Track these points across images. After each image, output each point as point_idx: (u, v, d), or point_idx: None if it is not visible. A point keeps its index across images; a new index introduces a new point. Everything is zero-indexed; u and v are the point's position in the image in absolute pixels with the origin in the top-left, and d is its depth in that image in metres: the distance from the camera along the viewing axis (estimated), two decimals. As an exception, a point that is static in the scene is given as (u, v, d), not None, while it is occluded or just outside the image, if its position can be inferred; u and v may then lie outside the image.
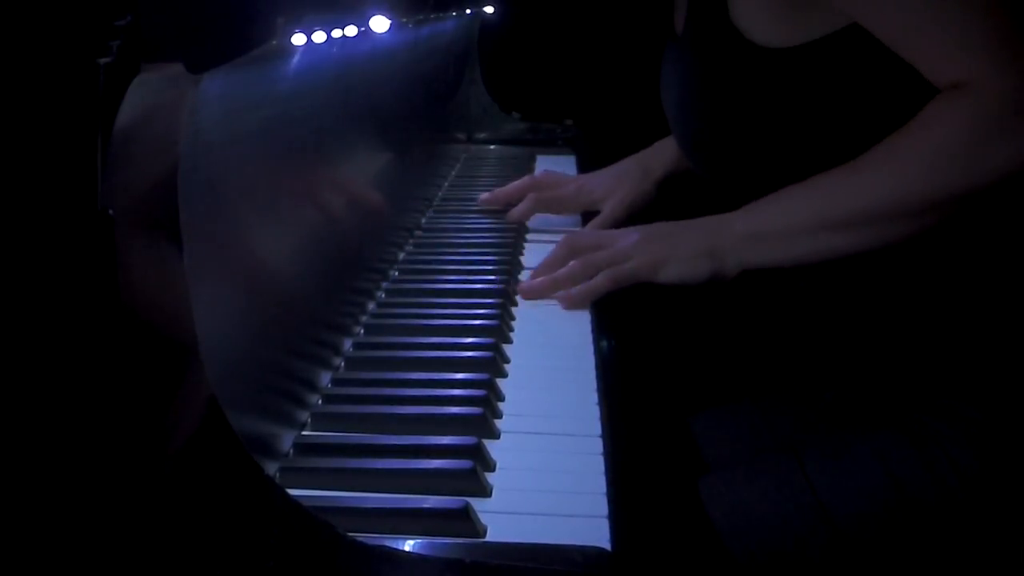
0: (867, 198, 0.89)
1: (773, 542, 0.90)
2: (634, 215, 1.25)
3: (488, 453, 0.67)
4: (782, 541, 0.89)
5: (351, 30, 0.89)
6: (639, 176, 1.27)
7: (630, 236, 1.02)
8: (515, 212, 1.30)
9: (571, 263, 1.01)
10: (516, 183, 1.34)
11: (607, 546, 0.57)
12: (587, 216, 1.29)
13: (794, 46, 0.91)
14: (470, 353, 0.86)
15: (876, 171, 0.89)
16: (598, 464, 0.67)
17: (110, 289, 0.44)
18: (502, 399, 0.77)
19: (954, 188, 0.86)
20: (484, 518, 0.59)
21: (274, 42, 0.68)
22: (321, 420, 0.73)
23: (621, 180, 1.27)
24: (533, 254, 1.17)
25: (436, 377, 0.80)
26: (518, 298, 1.01)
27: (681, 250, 0.98)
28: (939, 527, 0.88)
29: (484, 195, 1.35)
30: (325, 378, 0.80)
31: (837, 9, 0.88)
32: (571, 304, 0.99)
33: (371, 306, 0.97)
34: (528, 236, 1.26)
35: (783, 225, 0.94)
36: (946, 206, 0.87)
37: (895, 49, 0.86)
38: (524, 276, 1.09)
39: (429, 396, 0.77)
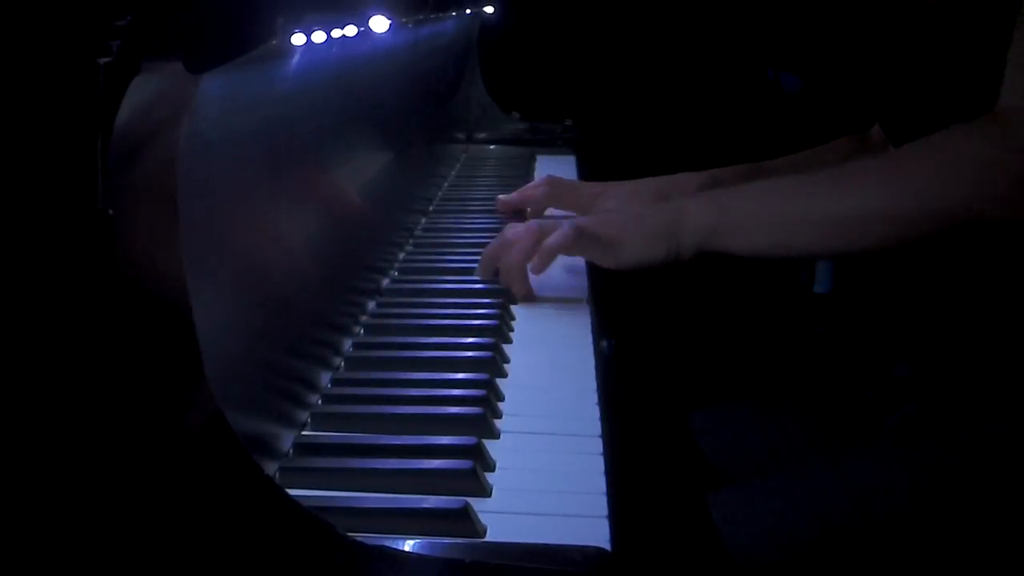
0: (857, 196, 0.89)
1: (796, 551, 0.89)
2: None
3: (488, 453, 0.67)
4: (809, 549, 0.88)
5: (351, 30, 0.89)
6: (655, 197, 1.26)
7: (587, 216, 1.02)
8: (524, 198, 1.31)
9: (559, 232, 0.98)
10: (533, 184, 1.35)
11: (607, 546, 0.57)
12: None
13: None
14: (470, 353, 0.86)
15: (877, 169, 0.90)
16: (598, 464, 0.67)
17: (110, 289, 0.44)
18: (502, 399, 0.77)
19: (943, 208, 0.85)
20: (484, 518, 0.59)
21: (274, 42, 0.68)
22: (321, 420, 0.73)
23: (637, 196, 1.27)
24: (533, 254, 1.17)
25: (436, 377, 0.80)
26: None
27: (638, 229, 0.97)
28: (978, 529, 0.87)
29: (503, 197, 1.34)
30: (325, 378, 0.80)
31: None
32: (544, 267, 0.98)
33: (371, 306, 0.97)
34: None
35: (748, 214, 0.94)
36: (936, 223, 0.86)
37: None
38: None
39: (429, 396, 0.77)
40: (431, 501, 0.60)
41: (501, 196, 1.34)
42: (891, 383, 1.04)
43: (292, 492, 0.54)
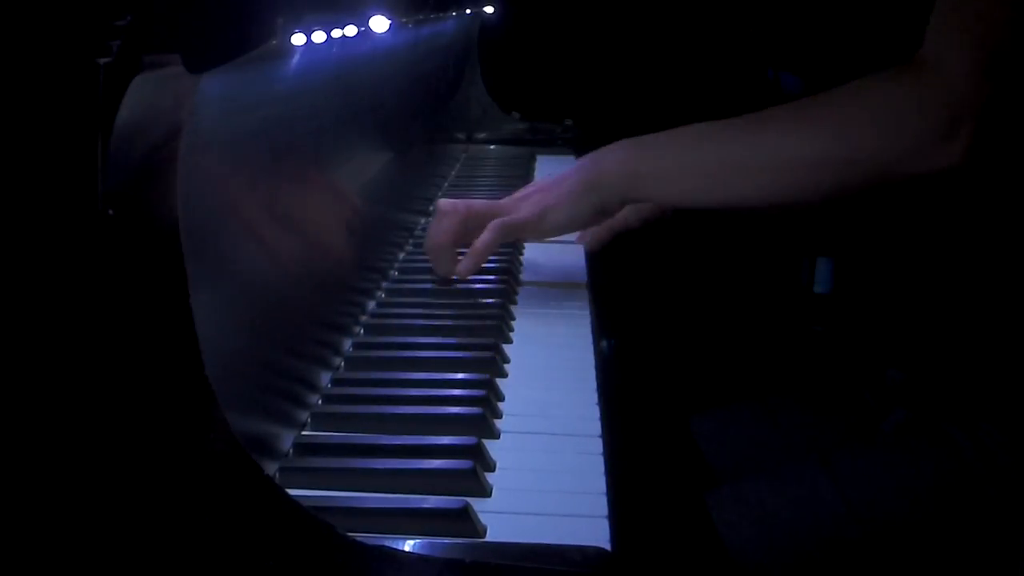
0: (779, 144, 0.89)
1: (791, 552, 0.88)
2: (648, 222, 1.25)
3: (488, 453, 0.67)
4: (803, 551, 0.88)
5: (351, 30, 0.89)
6: None
7: (517, 194, 1.02)
8: None
9: (488, 231, 0.98)
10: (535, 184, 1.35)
11: (607, 546, 0.57)
12: None
13: None
14: (470, 353, 0.86)
15: (802, 116, 0.89)
16: (598, 464, 0.67)
17: (110, 289, 0.44)
18: (502, 399, 0.77)
19: (869, 158, 0.85)
20: (484, 518, 0.59)
21: (274, 42, 0.68)
22: (321, 420, 0.73)
23: None
24: (533, 253, 1.17)
25: (436, 377, 0.80)
26: (518, 298, 1.01)
27: (561, 193, 0.97)
28: (973, 536, 0.86)
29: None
30: (325, 378, 0.80)
31: None
32: (467, 268, 0.98)
33: (371, 306, 0.97)
34: (528, 236, 1.25)
35: (673, 161, 0.94)
36: (857, 178, 0.86)
37: None
38: (524, 276, 1.10)
39: (429, 396, 0.77)
40: (431, 501, 0.60)
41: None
42: (884, 388, 1.04)
43: (292, 492, 0.54)
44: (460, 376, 0.80)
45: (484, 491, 0.63)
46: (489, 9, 1.98)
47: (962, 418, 0.88)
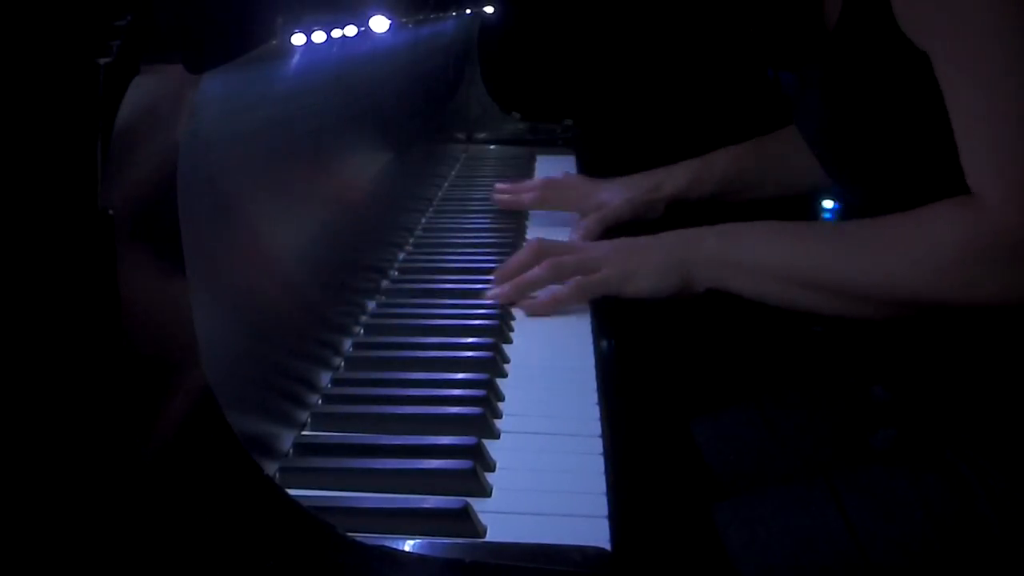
0: (842, 270, 0.89)
1: (790, 568, 0.88)
2: (639, 219, 1.26)
3: (488, 453, 0.67)
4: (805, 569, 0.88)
5: (351, 30, 0.89)
6: (649, 186, 1.28)
7: (601, 247, 1.01)
8: (518, 199, 1.32)
9: (539, 266, 0.99)
10: (531, 182, 1.37)
11: (607, 546, 0.57)
12: None
13: None
14: (470, 353, 0.86)
15: (861, 247, 0.88)
16: (598, 464, 0.67)
17: (110, 289, 0.44)
18: (502, 399, 0.77)
19: (926, 295, 0.84)
20: (484, 518, 0.59)
21: (274, 42, 0.68)
22: (321, 420, 0.73)
23: (631, 186, 1.29)
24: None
25: (436, 377, 0.80)
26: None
27: (652, 262, 0.97)
28: (977, 567, 0.85)
29: (499, 186, 1.36)
30: (325, 378, 0.80)
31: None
32: (535, 312, 0.97)
33: (371, 306, 0.97)
34: (527, 236, 1.26)
35: (752, 261, 0.94)
36: (915, 308, 0.86)
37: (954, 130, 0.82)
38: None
39: (429, 396, 0.77)
40: (431, 501, 0.60)
41: (499, 186, 1.37)
42: (870, 403, 1.03)
43: (292, 492, 0.54)
44: (460, 376, 0.80)
45: (484, 491, 0.63)
46: (489, 9, 1.98)
47: (957, 446, 0.87)
